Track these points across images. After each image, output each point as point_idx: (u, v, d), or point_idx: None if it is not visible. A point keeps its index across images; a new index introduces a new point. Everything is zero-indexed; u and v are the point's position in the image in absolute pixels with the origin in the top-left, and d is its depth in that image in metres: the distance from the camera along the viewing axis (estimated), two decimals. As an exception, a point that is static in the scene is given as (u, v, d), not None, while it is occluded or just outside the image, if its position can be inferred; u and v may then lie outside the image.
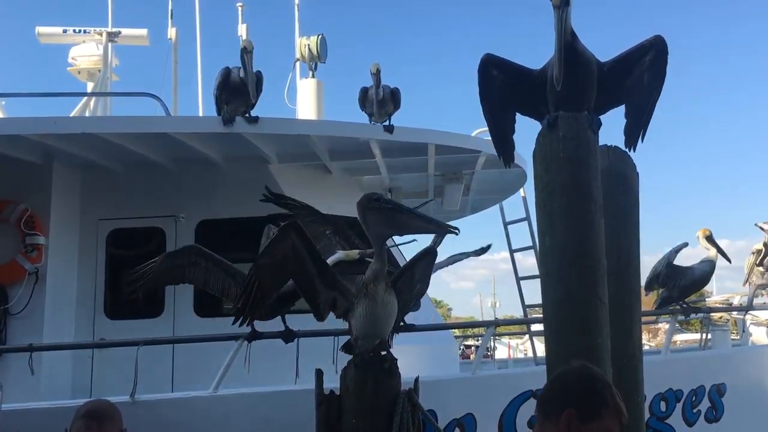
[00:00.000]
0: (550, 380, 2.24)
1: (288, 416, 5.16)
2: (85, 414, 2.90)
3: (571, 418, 2.00)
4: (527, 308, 9.60)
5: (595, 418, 2.02)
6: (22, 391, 5.87)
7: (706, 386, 6.54)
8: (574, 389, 2.09)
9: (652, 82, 4.06)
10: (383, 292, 4.10)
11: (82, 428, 2.84)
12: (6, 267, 7.03)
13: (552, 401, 2.11)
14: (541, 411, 2.15)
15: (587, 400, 2.05)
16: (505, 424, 5.59)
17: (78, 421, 2.87)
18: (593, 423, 2.01)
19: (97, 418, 2.87)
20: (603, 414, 2.03)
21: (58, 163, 7.35)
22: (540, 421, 2.14)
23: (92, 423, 2.85)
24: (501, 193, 9.73)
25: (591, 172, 3.72)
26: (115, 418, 2.95)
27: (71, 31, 10.00)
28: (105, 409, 2.97)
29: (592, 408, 2.03)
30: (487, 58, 4.11)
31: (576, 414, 2.01)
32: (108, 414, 2.93)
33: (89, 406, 2.97)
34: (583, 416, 2.01)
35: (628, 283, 4.09)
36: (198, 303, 7.36)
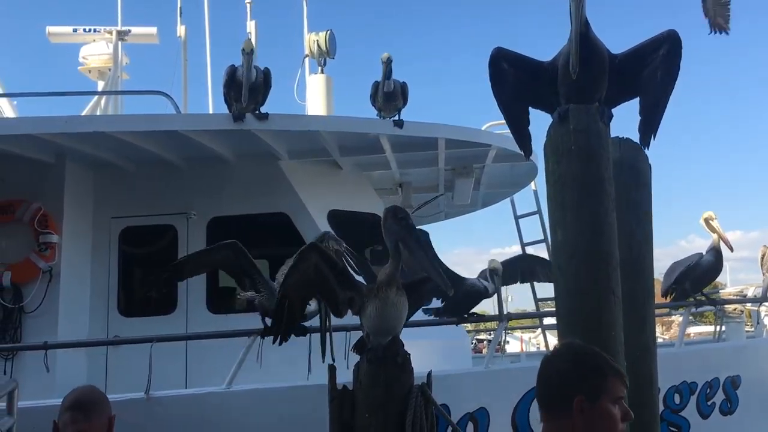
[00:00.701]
0: (541, 375, 2.14)
1: (301, 412, 5.18)
2: (70, 406, 2.79)
3: (582, 404, 1.97)
4: (539, 302, 9.58)
5: (602, 393, 1.99)
6: (37, 388, 5.92)
7: (721, 378, 6.51)
8: (571, 374, 2.03)
9: (664, 77, 4.02)
10: (394, 294, 4.15)
11: (69, 421, 2.75)
12: (20, 266, 7.08)
13: (554, 396, 2.06)
14: (545, 409, 2.10)
15: (587, 378, 2.01)
16: (518, 418, 5.58)
17: (64, 413, 2.78)
18: (602, 398, 1.98)
19: (83, 409, 2.77)
20: (607, 384, 2.00)
21: (71, 162, 7.39)
22: (546, 420, 2.09)
23: (78, 415, 2.75)
24: (512, 187, 9.70)
25: (603, 165, 3.70)
26: (101, 406, 2.84)
27: (81, 30, 10.05)
28: (90, 399, 2.86)
29: (596, 383, 2.00)
30: (497, 52, 4.09)
31: (584, 398, 1.97)
32: (94, 403, 2.83)
33: (74, 396, 2.83)
34: (592, 396, 1.98)
35: (641, 275, 4.06)
36: (210, 299, 7.39)
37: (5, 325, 6.98)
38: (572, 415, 1.98)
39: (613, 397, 2.00)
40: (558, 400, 2.03)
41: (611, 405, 1.99)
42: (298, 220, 7.44)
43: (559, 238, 3.72)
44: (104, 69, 9.99)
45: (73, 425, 2.75)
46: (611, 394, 2.00)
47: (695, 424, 6.30)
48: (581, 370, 2.03)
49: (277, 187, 7.56)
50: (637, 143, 4.14)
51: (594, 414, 1.97)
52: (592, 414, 1.97)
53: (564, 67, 3.83)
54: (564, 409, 2.00)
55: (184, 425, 5.16)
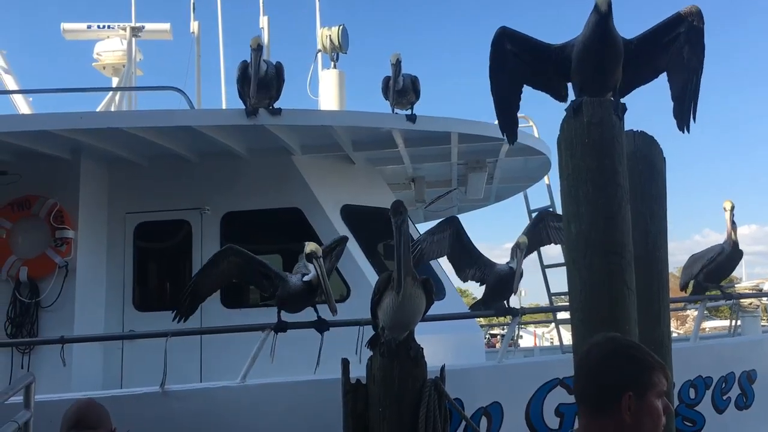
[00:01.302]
0: (583, 370, 2.07)
1: (315, 405, 5.20)
2: (75, 424, 2.84)
3: (630, 401, 1.92)
4: (553, 296, 9.57)
5: (649, 389, 1.95)
6: (54, 382, 5.99)
7: (736, 373, 6.46)
8: (620, 370, 1.97)
9: (690, 57, 3.95)
10: (410, 286, 4.16)
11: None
12: (37, 261, 7.14)
13: (600, 393, 1.98)
14: (588, 405, 2.02)
15: (638, 375, 1.95)
16: (531, 412, 5.57)
17: (69, 431, 2.84)
18: (649, 393, 1.95)
19: (86, 426, 2.82)
20: (654, 379, 1.96)
21: (86, 158, 7.44)
22: (587, 416, 2.02)
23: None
24: (525, 181, 9.68)
25: (616, 158, 3.69)
26: (103, 422, 2.88)
27: (95, 26, 10.11)
28: (92, 414, 2.90)
29: (644, 379, 1.95)
30: (503, 30, 4.05)
31: (633, 394, 1.92)
32: (95, 417, 2.86)
33: (74, 414, 2.87)
34: (640, 392, 1.93)
35: (656, 269, 4.05)
36: (225, 294, 7.42)
37: (22, 320, 7.05)
38: (617, 411, 1.93)
39: (658, 391, 1.97)
40: (602, 396, 1.97)
41: (656, 400, 1.96)
42: (311, 214, 7.46)
43: (573, 231, 3.71)
44: (118, 65, 10.05)
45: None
46: (657, 389, 1.96)
47: (710, 418, 6.26)
48: (629, 365, 1.98)
49: (290, 182, 7.58)
50: (651, 136, 4.12)
51: (641, 410, 1.93)
52: (639, 410, 1.93)
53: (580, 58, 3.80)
54: (608, 404, 1.95)
55: (198, 419, 5.19)
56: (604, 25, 3.67)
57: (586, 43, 3.74)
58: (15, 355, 6.90)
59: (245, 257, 5.40)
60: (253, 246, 8.23)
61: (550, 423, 5.56)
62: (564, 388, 5.51)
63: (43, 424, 4.55)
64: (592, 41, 3.72)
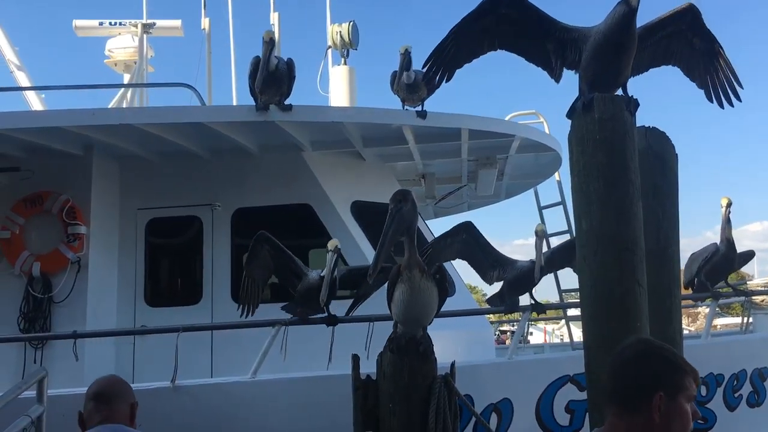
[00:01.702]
0: (616, 369, 2.10)
1: (325, 401, 5.22)
2: (93, 396, 2.89)
3: (661, 401, 1.95)
4: (563, 293, 9.54)
5: (680, 391, 1.98)
6: (66, 377, 6.03)
7: (748, 370, 6.43)
8: (652, 371, 2.00)
9: (701, 43, 4.03)
10: (419, 278, 4.14)
11: (93, 411, 2.84)
12: (49, 256, 7.19)
13: (631, 391, 2.01)
14: (618, 403, 2.05)
15: (669, 376, 1.99)
16: (542, 409, 5.57)
17: (89, 402, 2.88)
18: (680, 395, 1.98)
19: (105, 399, 2.86)
20: (685, 382, 1.99)
21: (98, 154, 7.48)
22: (617, 414, 2.04)
23: (101, 406, 2.84)
24: (535, 178, 9.65)
25: (628, 154, 3.67)
26: (124, 395, 2.93)
27: (107, 23, 10.17)
28: (112, 387, 2.94)
29: (676, 382, 1.98)
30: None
31: (664, 396, 1.96)
32: (116, 392, 2.91)
33: (96, 386, 2.93)
34: (671, 393, 1.96)
35: (667, 266, 4.03)
36: (236, 290, 7.45)
37: (35, 315, 7.11)
38: (647, 410, 1.96)
39: (689, 395, 2.00)
40: (633, 394, 2.01)
41: (686, 403, 1.99)
42: (322, 211, 7.47)
43: (584, 228, 3.70)
44: (130, 62, 10.11)
45: (96, 414, 2.83)
46: (687, 392, 1.99)
47: (722, 416, 6.23)
48: (662, 365, 2.01)
49: (300, 178, 7.60)
50: (663, 132, 4.10)
51: (671, 411, 1.96)
52: (669, 411, 1.96)
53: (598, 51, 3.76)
54: (638, 403, 1.98)
55: (209, 414, 5.22)
56: (631, 20, 3.65)
57: (609, 36, 3.70)
58: (28, 349, 6.95)
59: (275, 245, 5.45)
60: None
61: (561, 420, 5.55)
62: (574, 384, 5.50)
63: (55, 418, 4.60)
64: (617, 35, 3.68)
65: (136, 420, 2.94)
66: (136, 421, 2.94)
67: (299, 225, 7.83)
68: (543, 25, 3.99)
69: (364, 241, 7.41)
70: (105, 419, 2.80)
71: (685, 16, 3.96)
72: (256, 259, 5.44)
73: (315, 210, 7.48)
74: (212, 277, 7.49)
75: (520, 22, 4.01)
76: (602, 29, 3.74)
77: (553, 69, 4.07)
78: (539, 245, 5.76)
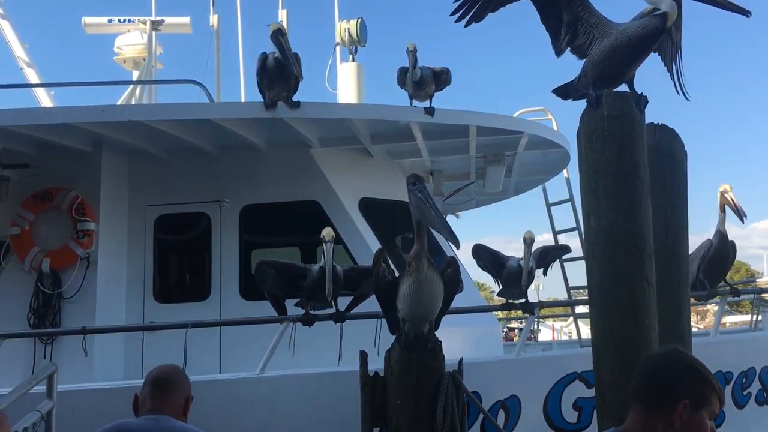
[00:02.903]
0: (648, 370, 2.19)
1: (333, 397, 5.23)
2: (151, 381, 2.97)
3: (684, 409, 2.03)
4: (571, 290, 9.53)
5: (705, 405, 2.06)
6: (76, 372, 6.07)
7: (757, 368, 6.41)
8: (683, 379, 2.08)
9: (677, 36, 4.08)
10: (426, 268, 4.14)
11: (147, 396, 2.91)
12: (59, 252, 7.22)
13: (659, 393, 2.09)
14: (643, 402, 2.13)
15: (698, 388, 2.06)
16: (549, 406, 5.56)
17: (146, 387, 2.96)
18: (704, 409, 2.05)
19: (162, 385, 2.94)
20: (712, 398, 2.07)
21: (107, 151, 7.50)
22: (640, 413, 2.11)
23: (156, 391, 2.92)
24: (544, 174, 9.62)
25: (637, 151, 3.66)
26: (181, 386, 3.01)
27: (116, 20, 10.19)
28: (171, 377, 3.02)
29: (704, 395, 2.06)
30: None
31: (689, 404, 2.03)
32: (174, 381, 3.00)
33: (156, 373, 3.03)
34: (696, 405, 2.04)
35: (676, 263, 4.02)
36: (244, 286, 7.48)
37: (45, 311, 7.13)
38: (669, 414, 2.03)
39: (711, 411, 2.07)
40: (661, 398, 2.08)
41: (707, 418, 2.06)
42: (329, 207, 7.48)
43: (593, 225, 3.70)
44: (139, 59, 10.13)
45: (151, 400, 2.90)
46: (711, 408, 2.07)
47: (730, 414, 6.21)
48: (693, 376, 2.09)
49: (308, 174, 7.60)
50: (672, 129, 4.09)
51: (692, 421, 2.04)
52: (691, 421, 2.03)
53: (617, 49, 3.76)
54: (664, 407, 2.05)
55: (218, 410, 5.24)
56: (660, 36, 3.67)
57: (636, 43, 3.71)
58: (38, 345, 6.99)
59: (275, 265, 5.52)
60: (272, 238, 8.36)
61: (568, 417, 5.55)
62: (582, 382, 5.50)
63: (65, 414, 4.63)
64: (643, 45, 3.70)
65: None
66: (188, 415, 2.98)
67: (307, 221, 7.84)
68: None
69: (372, 237, 7.41)
70: (156, 408, 2.86)
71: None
72: (266, 283, 5.52)
73: (323, 206, 7.49)
74: (221, 273, 7.51)
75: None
76: (629, 34, 3.73)
77: (559, 42, 4.07)
78: (527, 252, 5.78)
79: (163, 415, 2.84)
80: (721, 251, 6.32)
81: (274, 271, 5.47)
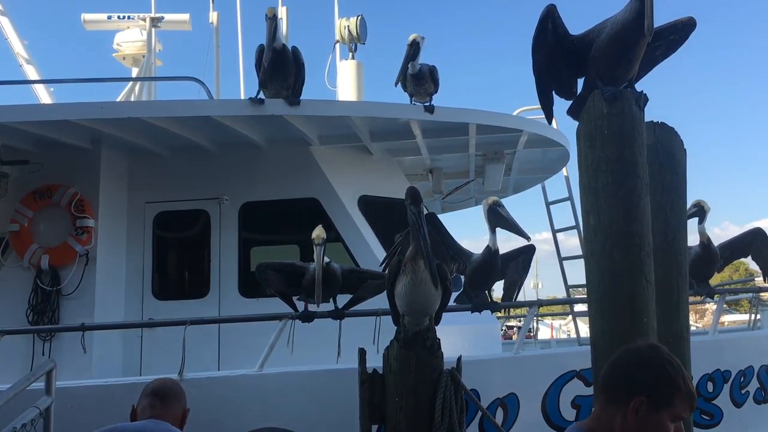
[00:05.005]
0: (614, 360, 2.11)
1: (332, 394, 5.24)
2: (151, 392, 3.02)
3: (640, 405, 1.95)
4: (570, 289, 9.54)
5: (666, 406, 1.96)
6: (74, 369, 6.08)
7: (755, 367, 6.42)
8: (645, 375, 1.99)
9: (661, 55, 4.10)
10: (422, 270, 4.16)
11: (147, 407, 2.97)
12: (58, 249, 7.23)
13: (618, 385, 2.02)
14: (604, 393, 2.08)
15: (659, 387, 1.97)
16: (548, 404, 5.57)
17: (145, 398, 3.01)
18: (664, 410, 1.96)
19: (163, 396, 3.00)
20: (675, 400, 1.97)
21: (106, 148, 7.51)
22: (602, 403, 2.07)
23: (156, 401, 2.97)
24: (543, 173, 9.63)
25: (636, 149, 3.66)
26: (179, 398, 3.08)
27: (116, 17, 10.19)
28: (170, 389, 3.09)
29: (665, 395, 1.96)
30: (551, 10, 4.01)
31: (646, 401, 1.95)
32: (173, 394, 3.07)
33: (155, 385, 3.10)
34: (655, 404, 1.95)
35: (674, 262, 4.02)
36: (243, 284, 7.48)
37: (44, 307, 7.14)
38: (625, 409, 1.96)
39: (675, 414, 1.97)
40: (620, 391, 2.01)
41: (668, 420, 1.97)
42: (329, 205, 7.48)
43: (592, 223, 3.70)
44: (138, 56, 10.13)
45: (150, 410, 2.95)
46: (674, 411, 1.97)
47: (728, 412, 6.23)
48: (659, 375, 1.99)
49: (308, 172, 7.61)
50: (671, 127, 4.09)
51: (650, 420, 1.95)
52: (648, 420, 1.95)
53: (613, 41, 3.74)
54: (621, 401, 1.99)
55: (216, 407, 5.24)
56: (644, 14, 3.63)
57: (627, 26, 3.67)
58: (36, 342, 6.99)
59: (275, 266, 5.50)
60: (271, 236, 8.36)
61: (567, 415, 5.55)
62: (581, 380, 5.50)
63: (63, 410, 4.63)
64: (633, 26, 3.66)
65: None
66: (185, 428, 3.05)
67: (306, 219, 7.83)
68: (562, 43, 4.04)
69: (371, 235, 7.42)
70: (157, 416, 2.91)
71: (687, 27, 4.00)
72: (269, 283, 5.52)
73: (322, 204, 7.49)
74: (219, 270, 7.52)
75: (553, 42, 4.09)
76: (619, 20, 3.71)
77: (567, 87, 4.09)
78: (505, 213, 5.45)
79: (162, 422, 2.89)
80: (703, 259, 6.24)
81: (272, 272, 5.47)
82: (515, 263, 5.80)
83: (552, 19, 3.99)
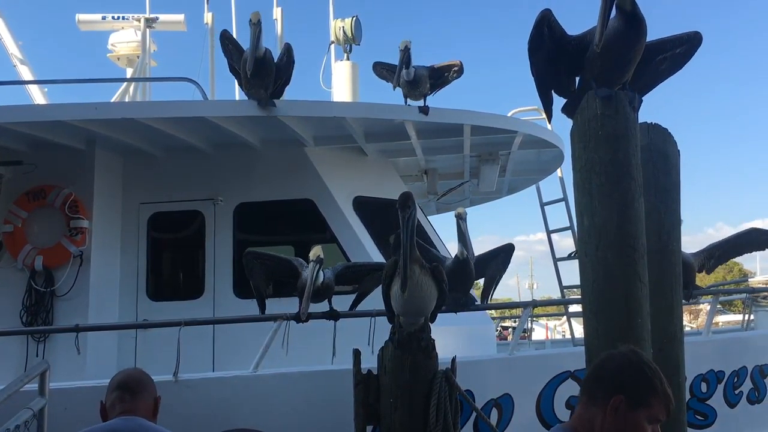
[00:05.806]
0: (597, 363, 2.23)
1: (326, 395, 5.23)
2: (117, 386, 2.89)
3: (619, 404, 2.04)
4: (565, 289, 9.55)
5: (643, 406, 2.05)
6: (68, 370, 6.07)
7: (749, 367, 6.44)
8: (624, 375, 2.09)
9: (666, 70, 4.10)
10: (418, 273, 4.18)
11: (116, 401, 2.84)
12: (52, 250, 7.21)
13: (599, 386, 2.13)
14: (587, 394, 2.17)
15: (637, 387, 2.07)
16: (542, 405, 5.58)
17: (112, 393, 2.88)
18: (641, 410, 2.05)
19: (131, 389, 2.88)
20: (652, 401, 2.06)
21: (100, 148, 7.49)
22: (584, 403, 2.16)
23: (125, 395, 2.85)
24: (538, 174, 9.65)
25: (631, 150, 3.67)
26: (149, 388, 2.95)
27: (110, 17, 10.15)
28: (137, 380, 2.96)
29: (641, 395, 2.06)
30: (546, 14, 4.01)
31: (625, 400, 2.04)
32: (142, 384, 2.94)
33: (121, 377, 2.95)
34: (632, 403, 2.05)
35: (668, 262, 4.04)
36: (237, 284, 7.47)
37: (37, 308, 7.13)
38: (605, 407, 2.06)
39: (651, 415, 2.07)
40: (600, 390, 2.11)
41: (645, 420, 2.06)
42: (324, 206, 7.48)
43: (586, 224, 3.70)
44: (133, 56, 10.10)
45: (120, 404, 2.83)
46: (651, 412, 2.07)
47: (722, 413, 6.25)
48: (637, 377, 2.09)
49: (302, 173, 7.60)
50: (665, 128, 4.10)
51: (627, 420, 2.05)
52: (626, 419, 2.05)
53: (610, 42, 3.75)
54: (601, 399, 2.09)
55: (211, 407, 5.24)
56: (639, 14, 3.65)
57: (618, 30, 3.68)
58: (30, 343, 6.98)
59: (264, 257, 5.51)
60: (266, 237, 8.35)
61: (561, 415, 5.56)
62: (575, 380, 5.52)
63: (57, 411, 4.62)
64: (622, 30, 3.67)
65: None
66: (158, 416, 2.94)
67: (301, 220, 7.84)
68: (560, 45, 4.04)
69: (366, 236, 7.42)
70: (127, 410, 2.80)
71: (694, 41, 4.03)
72: (252, 275, 5.51)
73: (317, 205, 7.49)
74: (214, 271, 7.51)
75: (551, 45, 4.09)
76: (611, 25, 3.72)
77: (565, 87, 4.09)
78: (464, 228, 5.60)
79: (136, 417, 2.79)
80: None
81: (259, 263, 5.47)
82: (495, 261, 5.96)
83: (548, 23, 3.99)
